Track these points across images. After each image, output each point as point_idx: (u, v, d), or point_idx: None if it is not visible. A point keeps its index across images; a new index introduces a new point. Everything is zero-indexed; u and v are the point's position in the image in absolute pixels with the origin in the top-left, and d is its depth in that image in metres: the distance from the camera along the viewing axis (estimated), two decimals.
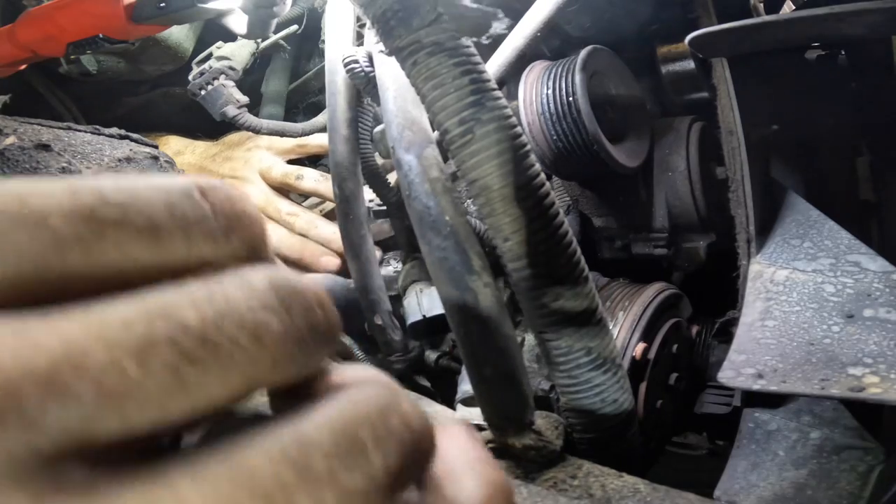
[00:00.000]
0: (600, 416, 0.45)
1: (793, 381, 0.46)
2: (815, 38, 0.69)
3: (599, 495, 0.40)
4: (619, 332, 0.58)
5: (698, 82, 0.76)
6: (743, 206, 0.62)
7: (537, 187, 0.41)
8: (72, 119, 1.05)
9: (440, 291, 0.42)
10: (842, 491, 0.45)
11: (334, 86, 0.66)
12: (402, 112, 0.47)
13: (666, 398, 0.60)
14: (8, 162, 0.57)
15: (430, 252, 0.42)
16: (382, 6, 0.40)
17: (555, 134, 0.65)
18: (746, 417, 0.54)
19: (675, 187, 0.71)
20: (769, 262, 0.60)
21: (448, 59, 0.39)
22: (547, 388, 0.56)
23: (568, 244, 0.42)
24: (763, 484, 0.48)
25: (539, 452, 0.43)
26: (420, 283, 0.68)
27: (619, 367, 0.45)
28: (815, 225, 0.61)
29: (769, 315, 0.54)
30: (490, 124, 0.39)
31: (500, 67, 0.60)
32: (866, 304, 0.52)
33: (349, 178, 0.66)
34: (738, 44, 0.56)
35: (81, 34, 0.66)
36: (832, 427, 0.50)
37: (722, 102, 0.63)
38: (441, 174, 0.44)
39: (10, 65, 0.75)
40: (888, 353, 0.46)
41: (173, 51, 0.98)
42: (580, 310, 0.42)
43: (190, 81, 0.89)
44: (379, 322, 0.68)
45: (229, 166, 0.97)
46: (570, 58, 0.66)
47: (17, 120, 0.62)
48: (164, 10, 0.62)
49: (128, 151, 0.66)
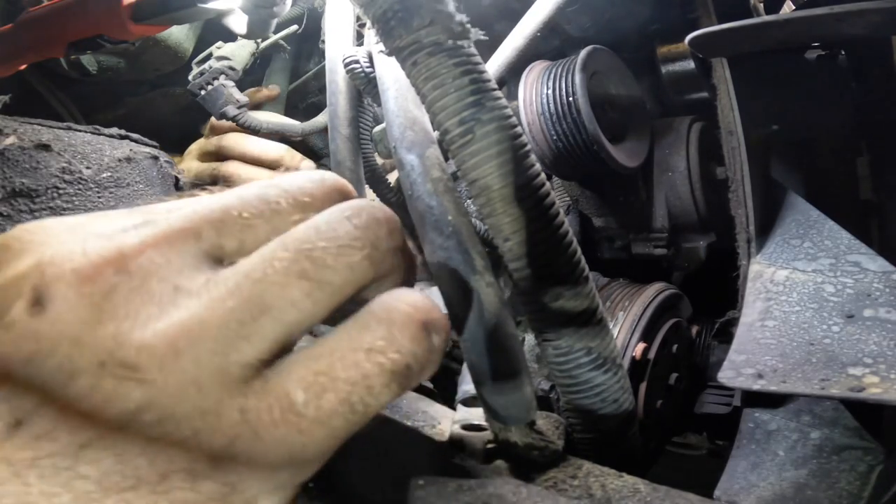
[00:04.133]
0: (600, 416, 0.45)
1: (793, 381, 0.46)
2: (815, 38, 0.69)
3: (599, 495, 0.40)
4: (620, 332, 0.58)
5: (698, 82, 0.76)
6: (743, 206, 0.62)
7: (537, 187, 0.41)
8: (72, 119, 1.05)
9: (442, 291, 0.42)
10: (842, 491, 0.45)
11: (335, 85, 0.66)
12: (404, 112, 0.47)
13: (666, 398, 0.60)
14: (8, 162, 0.57)
15: (433, 252, 0.42)
16: (382, 6, 0.40)
17: (555, 134, 0.65)
18: (746, 417, 0.54)
19: (675, 187, 0.71)
20: (769, 262, 0.60)
21: (448, 59, 0.39)
22: (547, 388, 0.56)
23: (568, 244, 0.42)
24: (763, 484, 0.48)
25: (541, 452, 0.43)
26: (420, 282, 0.68)
27: (620, 367, 0.45)
28: (815, 225, 0.61)
29: (769, 315, 0.54)
30: (490, 124, 0.39)
31: (500, 67, 0.60)
32: (866, 304, 0.52)
33: (350, 177, 0.66)
34: (738, 44, 0.56)
35: (81, 34, 0.66)
36: (832, 427, 0.50)
37: (722, 102, 0.63)
38: (443, 174, 0.44)
39: (10, 65, 0.75)
40: (888, 353, 0.46)
41: (173, 51, 0.98)
42: (580, 310, 0.42)
43: (190, 81, 0.90)
44: None
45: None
46: (570, 58, 0.66)
47: (17, 120, 0.62)
48: (164, 9, 0.62)
49: (128, 151, 0.66)
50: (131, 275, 0.24)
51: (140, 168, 0.67)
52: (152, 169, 0.68)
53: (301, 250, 0.25)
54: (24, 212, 0.57)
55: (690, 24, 0.67)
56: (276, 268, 0.25)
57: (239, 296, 0.24)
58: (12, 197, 0.57)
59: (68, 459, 0.22)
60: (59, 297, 0.23)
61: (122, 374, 0.23)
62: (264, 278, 0.24)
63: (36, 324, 0.23)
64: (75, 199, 0.60)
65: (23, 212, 0.57)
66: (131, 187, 0.65)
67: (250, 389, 0.24)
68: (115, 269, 0.24)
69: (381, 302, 0.27)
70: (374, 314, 0.26)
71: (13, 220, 0.57)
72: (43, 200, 0.58)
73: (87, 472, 0.22)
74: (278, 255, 0.25)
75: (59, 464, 0.22)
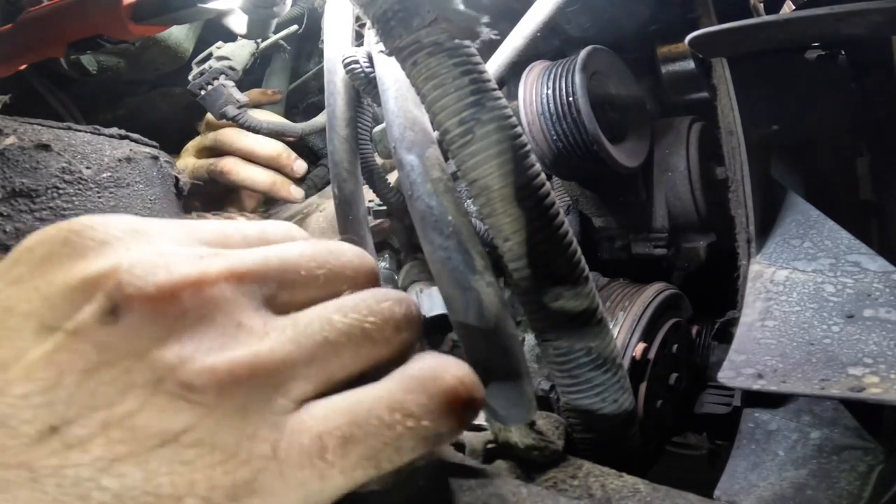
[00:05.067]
0: (600, 416, 0.45)
1: (793, 381, 0.46)
2: (815, 38, 0.69)
3: (599, 495, 0.40)
4: (619, 332, 0.58)
5: (698, 82, 0.76)
6: (743, 206, 0.62)
7: (537, 187, 0.41)
8: (72, 119, 1.05)
9: (442, 291, 0.42)
10: (842, 491, 0.45)
11: (333, 86, 0.66)
12: (404, 112, 0.47)
13: (666, 398, 0.60)
14: (8, 162, 0.57)
15: (433, 252, 0.42)
16: (382, 6, 0.40)
17: (555, 134, 0.65)
18: (746, 417, 0.54)
19: (675, 187, 0.71)
20: (769, 262, 0.60)
21: (448, 59, 0.39)
22: (547, 388, 0.56)
23: (568, 244, 0.42)
24: (763, 484, 0.48)
25: (541, 452, 0.43)
26: (420, 283, 0.68)
27: (620, 367, 0.45)
28: (815, 225, 0.61)
29: (769, 315, 0.54)
30: (490, 124, 0.39)
31: (500, 67, 0.60)
32: (866, 304, 0.52)
33: (348, 178, 0.66)
34: (738, 44, 0.56)
35: (81, 34, 0.66)
36: (832, 427, 0.50)
37: (722, 102, 0.63)
38: (443, 174, 0.44)
39: (10, 65, 0.75)
40: (888, 353, 0.46)
41: (173, 51, 0.98)
42: (580, 310, 0.42)
43: (190, 81, 0.89)
44: None
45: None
46: (570, 58, 0.66)
47: (17, 120, 0.62)
48: (164, 9, 0.62)
49: (128, 151, 0.66)
50: (205, 303, 0.25)
51: (140, 168, 0.66)
52: (152, 169, 0.68)
53: (356, 319, 0.28)
54: (24, 212, 0.57)
55: (690, 24, 0.67)
56: (333, 328, 0.27)
57: (297, 343, 0.26)
58: (12, 197, 0.57)
59: (94, 472, 0.22)
60: (136, 312, 0.23)
61: (178, 393, 0.23)
62: (321, 333, 0.27)
63: (106, 334, 0.23)
64: (75, 199, 0.60)
65: (23, 212, 0.57)
66: (131, 187, 0.65)
67: (286, 427, 0.24)
68: (193, 293, 0.25)
69: (429, 367, 0.28)
70: (419, 379, 0.27)
71: (13, 220, 0.57)
72: (43, 200, 0.58)
73: (109, 484, 0.22)
74: (335, 318, 0.27)
75: (82, 474, 0.22)
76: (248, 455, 0.24)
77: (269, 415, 0.24)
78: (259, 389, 0.24)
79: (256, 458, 0.24)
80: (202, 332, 0.24)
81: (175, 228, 0.28)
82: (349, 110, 0.66)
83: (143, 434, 0.23)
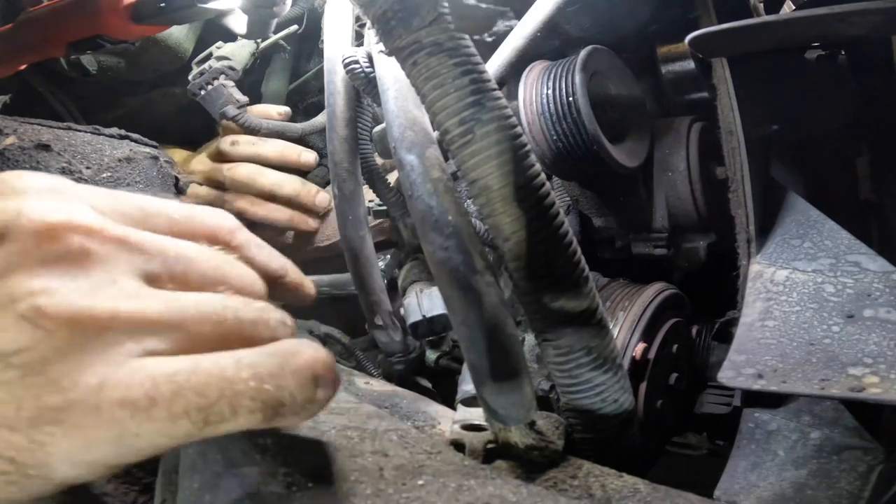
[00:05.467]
0: (601, 416, 0.45)
1: (793, 381, 0.46)
2: (815, 38, 0.69)
3: (599, 495, 0.40)
4: (619, 332, 0.58)
5: (698, 82, 0.76)
6: (743, 206, 0.62)
7: (537, 187, 0.41)
8: (72, 119, 1.05)
9: (442, 291, 0.42)
10: (842, 491, 0.45)
11: (333, 86, 0.66)
12: (404, 112, 0.47)
13: (666, 398, 0.60)
14: (8, 162, 0.57)
15: (433, 252, 0.42)
16: (382, 6, 0.40)
17: (555, 134, 0.65)
18: (746, 417, 0.54)
19: (675, 187, 0.71)
20: (769, 262, 0.60)
21: (448, 59, 0.39)
22: (547, 388, 0.56)
23: (568, 244, 0.42)
24: (763, 484, 0.48)
25: (541, 453, 0.43)
26: (420, 283, 0.68)
27: (620, 367, 0.45)
28: (815, 225, 0.61)
29: (769, 315, 0.54)
30: (490, 124, 0.39)
31: (500, 67, 0.60)
32: (866, 304, 0.52)
33: (348, 178, 0.66)
34: (738, 44, 0.56)
35: (81, 34, 0.66)
36: (832, 427, 0.50)
37: (722, 102, 0.63)
38: (443, 174, 0.44)
39: (10, 65, 0.75)
40: (888, 353, 0.46)
41: (173, 51, 0.98)
42: (580, 310, 0.42)
43: (190, 81, 0.90)
44: (379, 322, 0.68)
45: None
46: (570, 58, 0.66)
47: (17, 120, 0.62)
48: (164, 10, 0.62)
49: (128, 151, 0.66)
50: (86, 253, 0.27)
51: (140, 168, 0.67)
52: (152, 169, 0.68)
53: (232, 309, 0.30)
54: None
55: (690, 24, 0.67)
56: (208, 305, 0.29)
57: (165, 306, 0.27)
58: None
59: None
60: (19, 241, 0.26)
61: (27, 315, 0.24)
62: (195, 307, 0.28)
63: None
64: None
65: None
66: (131, 187, 0.65)
67: (125, 366, 0.25)
68: (78, 241, 0.27)
69: (290, 343, 0.29)
70: (277, 351, 0.28)
71: None
72: None
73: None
74: (213, 300, 0.29)
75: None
76: (71, 384, 0.24)
77: (113, 354, 0.25)
78: (111, 335, 0.26)
79: (79, 387, 0.24)
80: (74, 276, 0.26)
81: (100, 196, 0.30)
82: (349, 110, 0.66)
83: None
